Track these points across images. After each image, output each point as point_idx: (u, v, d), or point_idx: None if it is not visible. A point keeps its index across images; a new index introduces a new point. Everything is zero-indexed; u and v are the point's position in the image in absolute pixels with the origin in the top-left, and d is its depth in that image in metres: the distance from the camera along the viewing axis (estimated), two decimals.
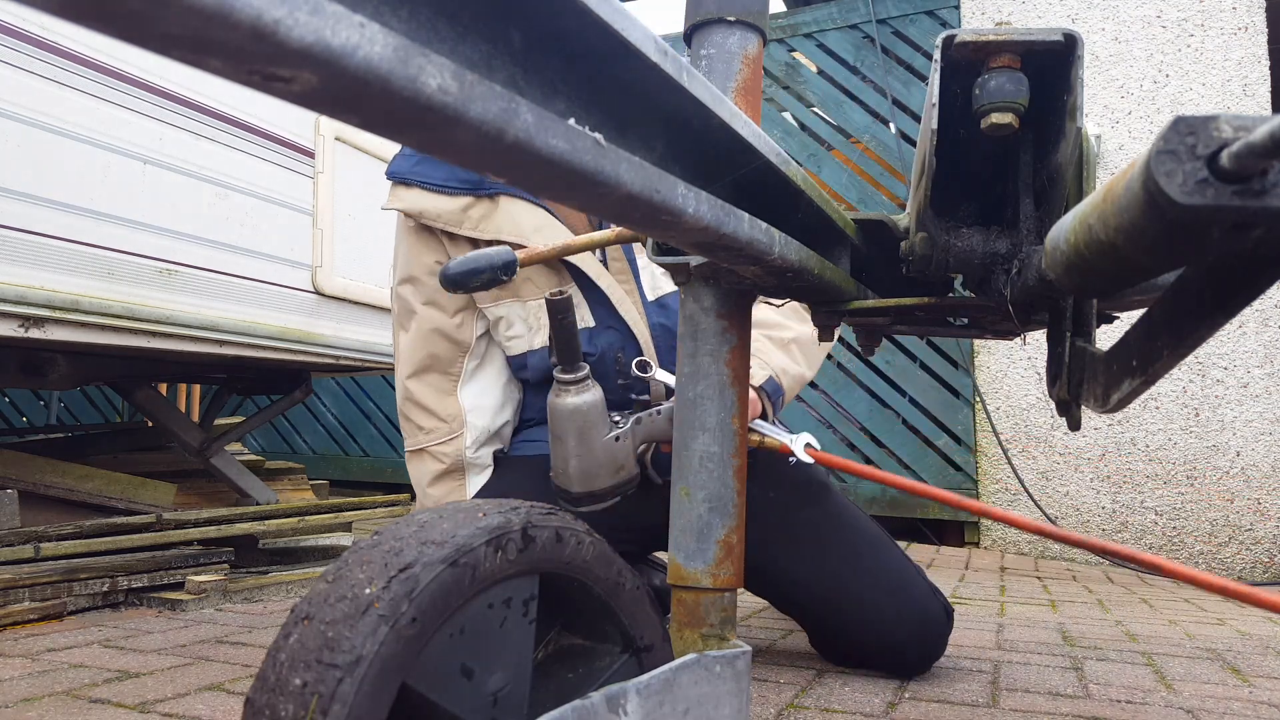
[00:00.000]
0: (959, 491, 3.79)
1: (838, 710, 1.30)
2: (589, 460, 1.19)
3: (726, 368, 0.65)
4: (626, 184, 0.36)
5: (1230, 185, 0.29)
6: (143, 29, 0.22)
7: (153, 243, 2.32)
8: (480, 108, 0.29)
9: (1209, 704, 1.39)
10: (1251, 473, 3.30)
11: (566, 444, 1.19)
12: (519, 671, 0.58)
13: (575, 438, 1.19)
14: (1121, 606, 2.46)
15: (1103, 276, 0.38)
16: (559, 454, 1.21)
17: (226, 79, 0.26)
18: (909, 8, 4.07)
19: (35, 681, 1.38)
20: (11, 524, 2.10)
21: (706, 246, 0.48)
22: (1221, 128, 0.29)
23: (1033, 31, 0.54)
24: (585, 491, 1.21)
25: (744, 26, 0.61)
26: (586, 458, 1.19)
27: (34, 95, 2.04)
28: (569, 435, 1.19)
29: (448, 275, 0.90)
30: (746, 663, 0.66)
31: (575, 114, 0.40)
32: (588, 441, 1.18)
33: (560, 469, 1.22)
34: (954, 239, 0.64)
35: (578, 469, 1.20)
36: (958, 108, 0.59)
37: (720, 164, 0.51)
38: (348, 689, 0.48)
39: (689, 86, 0.42)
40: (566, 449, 1.19)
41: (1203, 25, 3.52)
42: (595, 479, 1.20)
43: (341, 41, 0.24)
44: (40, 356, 2.48)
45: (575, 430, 1.18)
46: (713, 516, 0.65)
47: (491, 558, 0.55)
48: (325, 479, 4.34)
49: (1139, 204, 0.31)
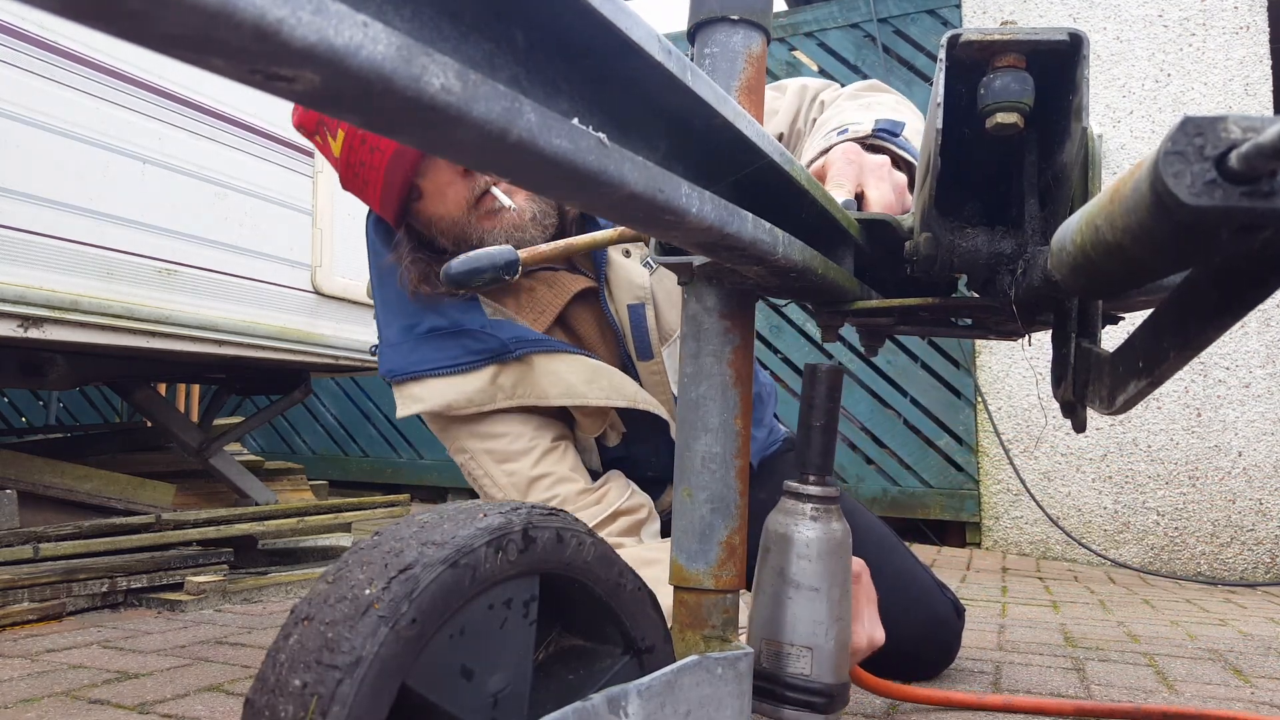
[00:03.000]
0: (959, 491, 3.79)
1: None
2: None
3: (729, 368, 0.65)
4: (630, 184, 0.36)
5: (1239, 186, 0.28)
6: (144, 28, 0.22)
7: (152, 242, 2.31)
8: (484, 107, 0.29)
9: (1211, 705, 1.38)
10: (1254, 473, 3.30)
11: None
12: (519, 672, 0.58)
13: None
14: (1123, 607, 2.46)
15: (1109, 277, 0.37)
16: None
17: (228, 78, 0.25)
18: (910, 7, 4.06)
19: (34, 682, 1.37)
20: (10, 524, 2.10)
21: (710, 246, 0.48)
22: (1230, 128, 0.28)
23: (1038, 31, 0.53)
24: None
25: (747, 25, 0.60)
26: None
27: (34, 95, 2.04)
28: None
29: (450, 275, 0.90)
30: (749, 664, 0.66)
31: (578, 113, 0.40)
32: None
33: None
34: (959, 239, 0.64)
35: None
36: (962, 107, 0.59)
37: (723, 163, 0.51)
38: (347, 690, 0.48)
39: (693, 85, 0.41)
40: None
41: (1204, 25, 3.51)
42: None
43: (345, 41, 0.24)
44: (39, 356, 2.48)
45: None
46: (715, 518, 0.65)
47: (492, 558, 0.55)
48: (324, 479, 4.34)
49: (1146, 205, 0.30)
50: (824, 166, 0.94)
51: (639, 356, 1.31)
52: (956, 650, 1.50)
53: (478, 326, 1.26)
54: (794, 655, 0.70)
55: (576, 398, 1.25)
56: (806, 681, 0.69)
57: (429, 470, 4.90)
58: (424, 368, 1.26)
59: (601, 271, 1.31)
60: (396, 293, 1.30)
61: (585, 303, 1.32)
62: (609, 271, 1.30)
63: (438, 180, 1.21)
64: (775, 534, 0.73)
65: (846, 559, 0.71)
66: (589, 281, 1.31)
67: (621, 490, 1.30)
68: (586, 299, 1.32)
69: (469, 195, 1.22)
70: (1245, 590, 3.12)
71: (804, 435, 0.75)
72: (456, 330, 1.27)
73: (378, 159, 1.18)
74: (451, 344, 1.26)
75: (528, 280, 1.31)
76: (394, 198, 1.22)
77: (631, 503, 1.29)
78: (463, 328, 1.27)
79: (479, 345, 1.25)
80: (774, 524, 0.73)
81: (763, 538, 0.74)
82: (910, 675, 1.47)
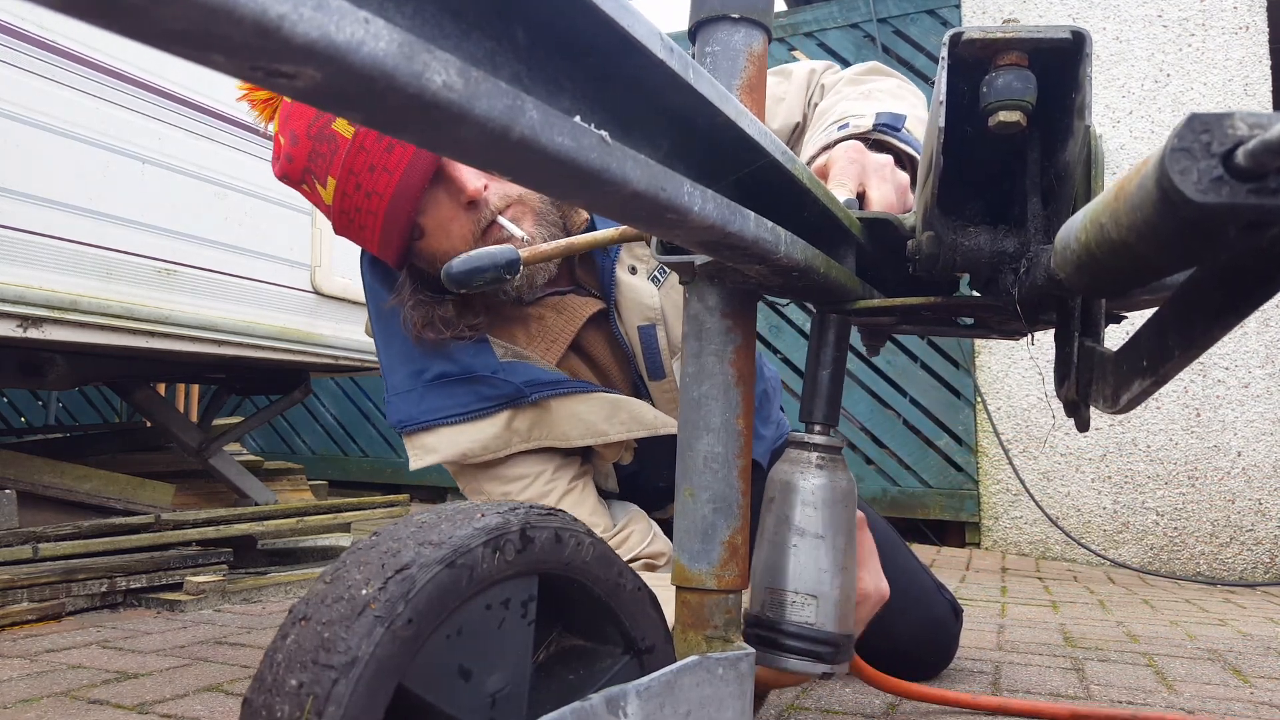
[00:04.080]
0: (959, 491, 3.79)
1: (838, 711, 1.30)
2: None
3: (731, 368, 0.65)
4: (633, 182, 0.36)
5: (1246, 183, 0.28)
6: (144, 24, 0.21)
7: (152, 242, 2.31)
8: (486, 104, 0.29)
9: (1210, 705, 1.38)
10: (1253, 473, 3.30)
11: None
12: (518, 672, 0.58)
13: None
14: (1123, 607, 2.46)
15: (1114, 276, 0.37)
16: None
17: (229, 75, 0.25)
18: (910, 7, 4.06)
19: (34, 682, 1.37)
20: (10, 524, 2.10)
21: (712, 245, 0.47)
22: (1237, 125, 0.28)
23: (1041, 29, 0.53)
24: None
25: (749, 23, 0.60)
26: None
27: (34, 95, 2.03)
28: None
29: (451, 275, 0.89)
30: (750, 665, 0.65)
31: (580, 111, 0.39)
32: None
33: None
34: (961, 238, 0.64)
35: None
36: (965, 105, 0.58)
37: (726, 162, 0.50)
38: (343, 690, 0.48)
39: (695, 83, 0.41)
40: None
41: (1204, 25, 3.51)
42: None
43: (346, 37, 0.24)
44: (39, 356, 2.48)
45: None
46: (717, 518, 0.65)
47: (489, 559, 0.55)
48: (324, 479, 4.34)
49: (1152, 202, 0.30)
50: (827, 165, 0.94)
51: (650, 376, 1.28)
52: (954, 652, 1.50)
53: (489, 371, 1.21)
54: (798, 603, 0.68)
55: (599, 436, 1.23)
56: (811, 630, 0.67)
57: (428, 470, 4.89)
58: (435, 416, 1.21)
59: (610, 294, 1.26)
60: (400, 337, 1.24)
61: (596, 325, 1.28)
62: (617, 294, 1.25)
63: (439, 216, 1.15)
64: (780, 482, 0.71)
65: (852, 509, 0.70)
66: (599, 304, 1.27)
67: (644, 534, 1.28)
68: (597, 320, 1.28)
69: (474, 228, 1.15)
70: (1244, 590, 3.12)
71: (810, 385, 0.72)
72: (467, 376, 1.22)
73: (375, 203, 1.11)
74: (463, 390, 1.22)
75: (536, 308, 1.26)
76: (396, 239, 1.16)
77: (653, 549, 1.27)
78: (474, 373, 1.21)
79: (492, 391, 1.21)
80: (779, 473, 0.72)
81: (766, 488, 0.72)
82: (908, 676, 1.47)
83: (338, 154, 1.09)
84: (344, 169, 1.10)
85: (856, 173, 0.90)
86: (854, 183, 0.88)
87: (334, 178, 1.11)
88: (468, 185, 1.12)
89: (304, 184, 1.16)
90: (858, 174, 0.90)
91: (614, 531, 1.27)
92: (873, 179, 0.89)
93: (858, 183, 0.89)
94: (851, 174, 0.89)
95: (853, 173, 0.90)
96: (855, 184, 0.88)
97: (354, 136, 1.08)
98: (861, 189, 0.88)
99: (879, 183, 0.88)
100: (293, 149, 1.13)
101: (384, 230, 1.14)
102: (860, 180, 0.89)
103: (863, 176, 0.90)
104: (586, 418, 1.22)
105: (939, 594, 1.47)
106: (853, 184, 0.88)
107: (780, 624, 0.68)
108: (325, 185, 1.13)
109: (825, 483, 0.69)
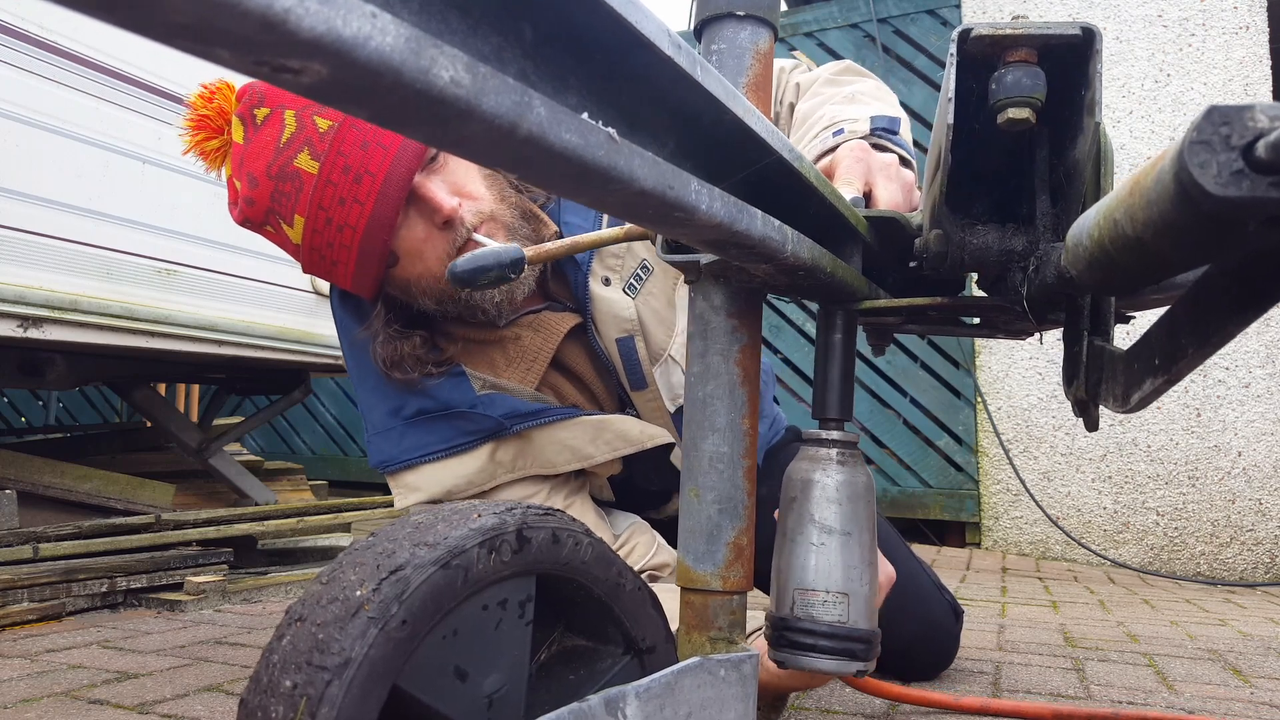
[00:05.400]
0: (959, 491, 3.79)
1: (838, 711, 1.30)
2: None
3: (736, 367, 0.64)
4: (640, 180, 0.36)
5: (1266, 176, 0.28)
6: (147, 18, 0.21)
7: (151, 242, 2.31)
8: (493, 101, 0.28)
9: (1210, 705, 1.38)
10: (1253, 473, 3.30)
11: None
12: (515, 673, 0.57)
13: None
14: (1123, 607, 2.45)
15: (1127, 273, 0.37)
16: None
17: (234, 70, 0.25)
18: (910, 7, 4.06)
19: (34, 682, 1.37)
20: (10, 524, 2.09)
21: (719, 244, 0.47)
22: (1257, 117, 0.28)
23: (1050, 25, 0.53)
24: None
25: (755, 21, 0.60)
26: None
27: (34, 95, 2.03)
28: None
29: (455, 274, 0.88)
30: (753, 667, 0.65)
31: (587, 108, 0.39)
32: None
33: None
34: (969, 236, 0.63)
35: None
36: (973, 102, 0.58)
37: (732, 160, 0.50)
38: (336, 691, 0.48)
39: (703, 81, 0.41)
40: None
41: (1204, 25, 3.51)
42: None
43: (353, 32, 0.24)
44: (39, 356, 2.47)
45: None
46: (722, 518, 0.64)
47: (485, 559, 0.54)
48: (324, 479, 4.33)
49: (1170, 197, 0.30)
50: (832, 164, 0.93)
51: (633, 388, 1.27)
52: (954, 653, 1.49)
53: (468, 406, 1.19)
54: (830, 602, 0.66)
55: (585, 460, 1.22)
56: (844, 629, 0.66)
57: None
58: (416, 454, 1.19)
59: (586, 307, 1.24)
60: (375, 372, 1.21)
61: (575, 338, 1.26)
62: (593, 309, 1.23)
63: (414, 239, 1.12)
64: (800, 481, 0.69)
65: (873, 504, 0.69)
66: (575, 318, 1.25)
67: (648, 546, 1.27)
68: (576, 334, 1.26)
69: (449, 248, 1.12)
70: (1245, 590, 3.12)
71: (821, 381, 0.71)
72: (446, 411, 1.19)
73: (348, 236, 1.07)
74: (442, 425, 1.20)
75: (512, 330, 1.23)
76: (371, 269, 1.12)
77: (657, 560, 1.26)
78: (452, 408, 1.19)
79: (472, 426, 1.19)
80: (798, 472, 0.69)
81: (785, 488, 0.70)
82: (907, 677, 1.47)
83: (303, 191, 1.06)
84: (312, 205, 1.06)
85: (863, 171, 0.89)
86: (860, 181, 0.88)
87: (301, 215, 1.08)
88: (444, 205, 1.09)
89: (267, 225, 1.13)
90: (864, 173, 0.89)
91: (616, 545, 1.26)
92: (879, 177, 0.89)
93: (864, 181, 0.88)
94: (858, 172, 0.89)
95: (859, 171, 0.89)
96: (862, 182, 0.88)
97: (319, 171, 1.04)
98: (868, 188, 0.88)
99: (886, 181, 0.88)
100: (252, 191, 1.09)
101: (359, 261, 1.11)
102: (866, 179, 0.89)
103: (869, 175, 0.89)
104: (571, 443, 1.21)
105: (939, 595, 1.47)
106: (859, 182, 0.88)
107: (813, 625, 0.66)
108: (292, 224, 1.09)
109: (847, 479, 0.68)
